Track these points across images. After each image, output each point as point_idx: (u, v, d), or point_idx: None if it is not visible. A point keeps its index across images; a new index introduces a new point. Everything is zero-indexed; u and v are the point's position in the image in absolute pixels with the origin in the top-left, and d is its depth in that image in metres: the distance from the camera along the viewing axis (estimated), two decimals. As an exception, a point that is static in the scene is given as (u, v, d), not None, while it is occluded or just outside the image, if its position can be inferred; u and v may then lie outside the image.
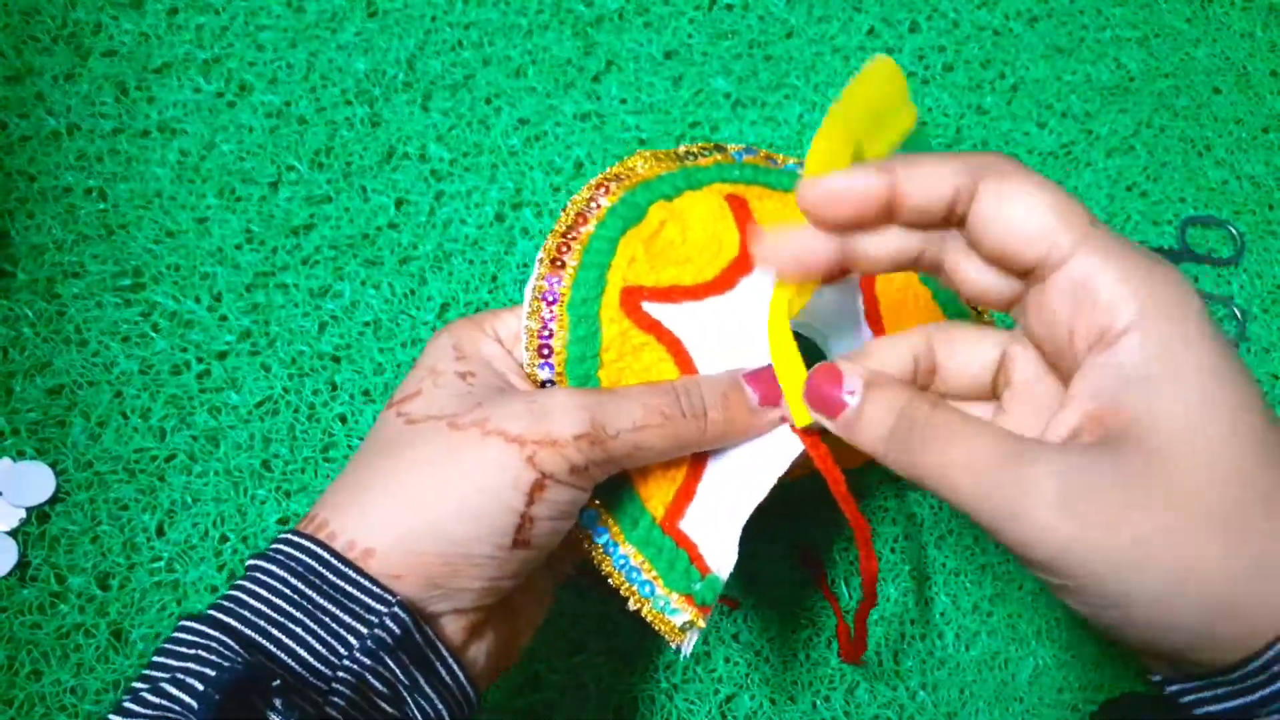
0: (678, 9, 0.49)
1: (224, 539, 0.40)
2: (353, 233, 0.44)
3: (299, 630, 0.27)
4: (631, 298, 0.33)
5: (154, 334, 0.42)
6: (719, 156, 0.37)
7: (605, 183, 0.34)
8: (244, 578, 0.28)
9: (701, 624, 0.31)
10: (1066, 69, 0.51)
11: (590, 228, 0.33)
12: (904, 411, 0.28)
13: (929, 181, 0.27)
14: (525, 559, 0.29)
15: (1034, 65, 0.51)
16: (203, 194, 0.44)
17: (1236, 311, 0.48)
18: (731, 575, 0.32)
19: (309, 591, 0.27)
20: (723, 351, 0.33)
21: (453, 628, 0.29)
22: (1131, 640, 0.26)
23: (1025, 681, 0.42)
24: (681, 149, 0.37)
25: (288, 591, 0.27)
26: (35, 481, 0.39)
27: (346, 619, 0.27)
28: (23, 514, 0.39)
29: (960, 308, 0.38)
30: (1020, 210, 0.26)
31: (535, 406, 0.29)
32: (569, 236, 0.33)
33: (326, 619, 0.27)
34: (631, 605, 0.32)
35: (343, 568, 0.28)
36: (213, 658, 0.26)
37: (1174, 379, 0.25)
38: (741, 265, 0.34)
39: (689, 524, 0.32)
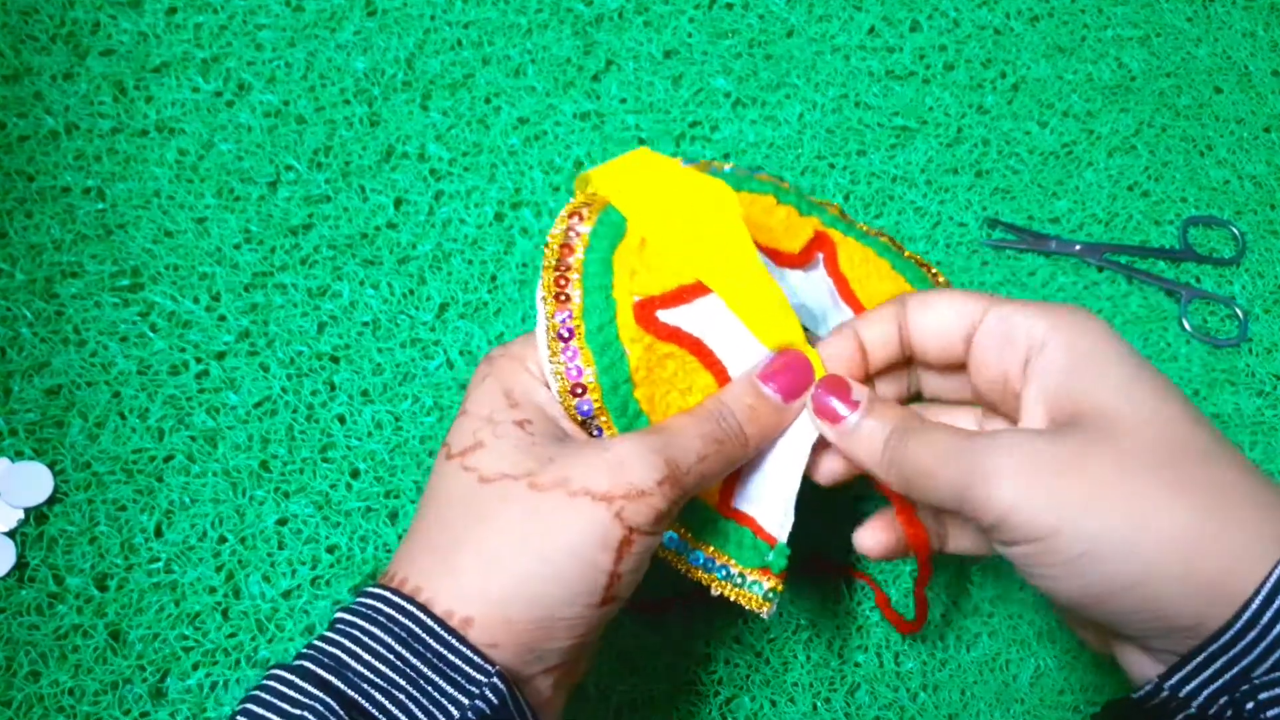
0: (677, 8, 0.49)
1: (222, 540, 0.40)
2: (351, 232, 0.44)
3: (402, 697, 0.27)
4: (645, 311, 0.33)
5: (152, 334, 0.42)
6: (706, 165, 0.39)
7: (576, 211, 0.34)
8: (339, 633, 0.28)
9: (780, 588, 0.33)
10: (1068, 68, 0.51)
11: (579, 254, 0.33)
12: (898, 424, 0.31)
13: (880, 332, 0.33)
14: (610, 613, 0.30)
15: (1035, 64, 0.51)
16: (201, 194, 0.44)
17: (1238, 311, 0.48)
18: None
19: (411, 658, 0.27)
20: (743, 338, 0.34)
21: (543, 685, 0.30)
22: (1104, 607, 0.27)
23: (1026, 683, 0.42)
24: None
25: (391, 657, 0.27)
26: (33, 482, 0.39)
27: (448, 688, 0.27)
28: (21, 514, 0.39)
29: (919, 273, 0.40)
30: (936, 308, 0.32)
31: (611, 458, 0.29)
32: (561, 269, 0.33)
33: (429, 687, 0.27)
34: (714, 591, 0.33)
35: (446, 636, 0.28)
36: (319, 714, 0.26)
37: (1096, 372, 0.29)
38: None
39: (741, 501, 0.34)
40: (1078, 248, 0.48)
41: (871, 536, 0.34)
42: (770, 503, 0.33)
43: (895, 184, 0.48)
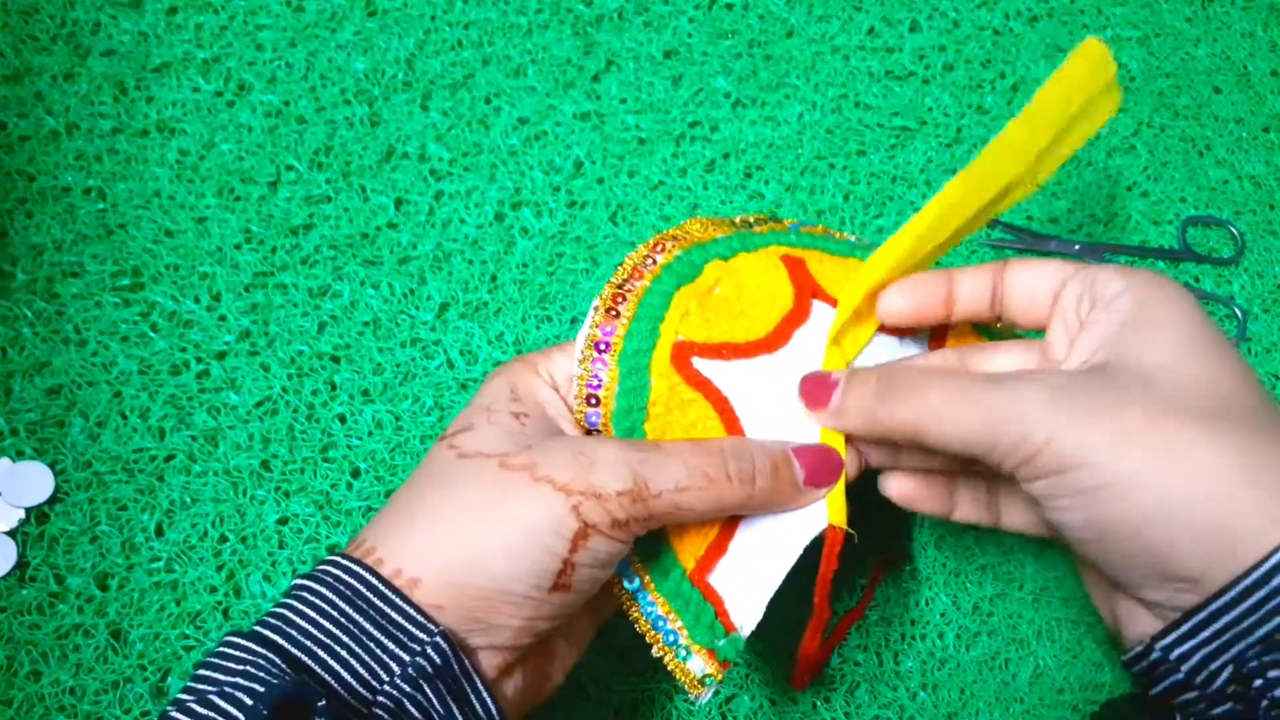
0: (677, 8, 0.49)
1: (223, 539, 0.40)
2: (352, 232, 0.44)
3: (343, 653, 0.27)
4: (682, 353, 0.33)
5: (153, 334, 0.42)
6: (774, 225, 0.38)
7: (661, 242, 0.35)
8: (290, 596, 0.28)
9: (720, 678, 0.32)
10: (1067, 68, 0.51)
11: (646, 281, 0.34)
12: (881, 378, 0.31)
13: (973, 286, 0.34)
14: (563, 602, 0.30)
15: (1034, 65, 0.51)
16: (202, 194, 0.44)
17: (1237, 311, 0.48)
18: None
19: (355, 615, 0.28)
20: (771, 413, 0.33)
21: (487, 663, 0.29)
22: (1119, 545, 0.27)
23: (1025, 682, 0.42)
24: (738, 218, 0.38)
25: (334, 614, 0.28)
26: (34, 481, 0.39)
27: (390, 645, 0.27)
28: (22, 514, 0.39)
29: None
30: (1035, 270, 0.33)
31: (583, 457, 0.29)
32: (624, 288, 0.34)
33: (370, 644, 0.28)
34: (655, 652, 0.32)
35: (389, 594, 0.28)
36: (260, 674, 0.26)
37: (1160, 324, 0.29)
38: (796, 317, 0.34)
39: (718, 578, 0.32)
40: (1077, 247, 0.48)
41: (897, 485, 0.34)
42: (745, 591, 0.32)
43: (895, 184, 0.48)
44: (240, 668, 0.26)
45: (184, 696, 0.26)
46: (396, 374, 0.43)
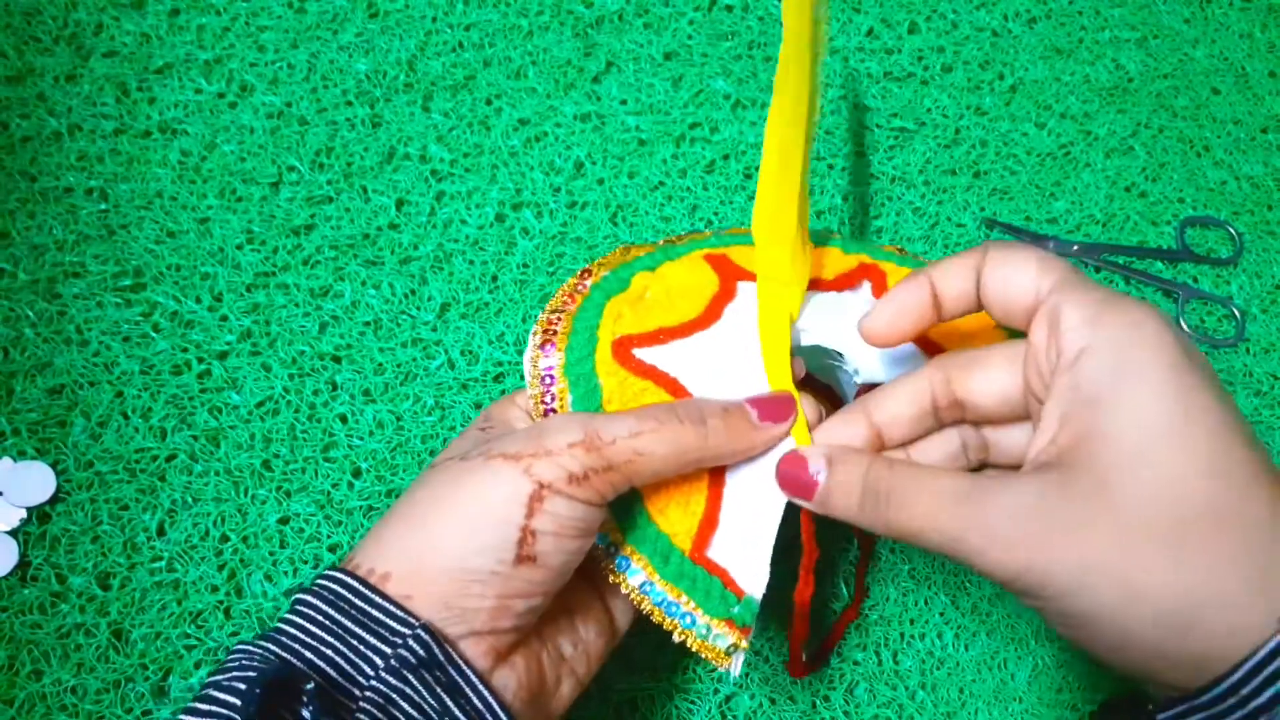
0: (678, 10, 0.50)
1: (224, 539, 0.40)
2: (353, 233, 0.44)
3: (327, 651, 0.28)
4: (623, 347, 0.34)
5: (155, 334, 0.42)
6: (695, 235, 0.40)
7: (588, 270, 0.37)
8: (289, 610, 0.30)
9: (745, 645, 0.32)
10: (1065, 70, 0.51)
11: (578, 302, 0.36)
12: (866, 480, 0.31)
13: (956, 282, 0.31)
14: (534, 578, 0.30)
15: (1033, 66, 0.51)
16: (204, 194, 0.44)
17: (1235, 312, 0.48)
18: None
19: (337, 615, 0.29)
20: (719, 383, 0.34)
21: (473, 652, 0.30)
22: (1103, 658, 0.28)
23: (1024, 681, 0.42)
24: (661, 240, 0.40)
25: (318, 617, 0.29)
26: (36, 481, 0.39)
27: (372, 640, 0.28)
28: (23, 514, 0.39)
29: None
30: (1012, 269, 0.30)
31: (534, 429, 0.31)
32: (557, 310, 0.35)
33: (353, 640, 0.28)
34: (676, 638, 0.32)
35: (366, 592, 0.29)
36: (254, 663, 0.27)
37: (1122, 402, 0.27)
38: (724, 296, 0.36)
39: (717, 551, 0.33)
40: (1075, 248, 0.48)
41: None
42: (744, 556, 0.33)
43: (894, 185, 0.48)
44: (236, 664, 0.27)
45: (193, 703, 0.27)
46: (398, 374, 0.43)
